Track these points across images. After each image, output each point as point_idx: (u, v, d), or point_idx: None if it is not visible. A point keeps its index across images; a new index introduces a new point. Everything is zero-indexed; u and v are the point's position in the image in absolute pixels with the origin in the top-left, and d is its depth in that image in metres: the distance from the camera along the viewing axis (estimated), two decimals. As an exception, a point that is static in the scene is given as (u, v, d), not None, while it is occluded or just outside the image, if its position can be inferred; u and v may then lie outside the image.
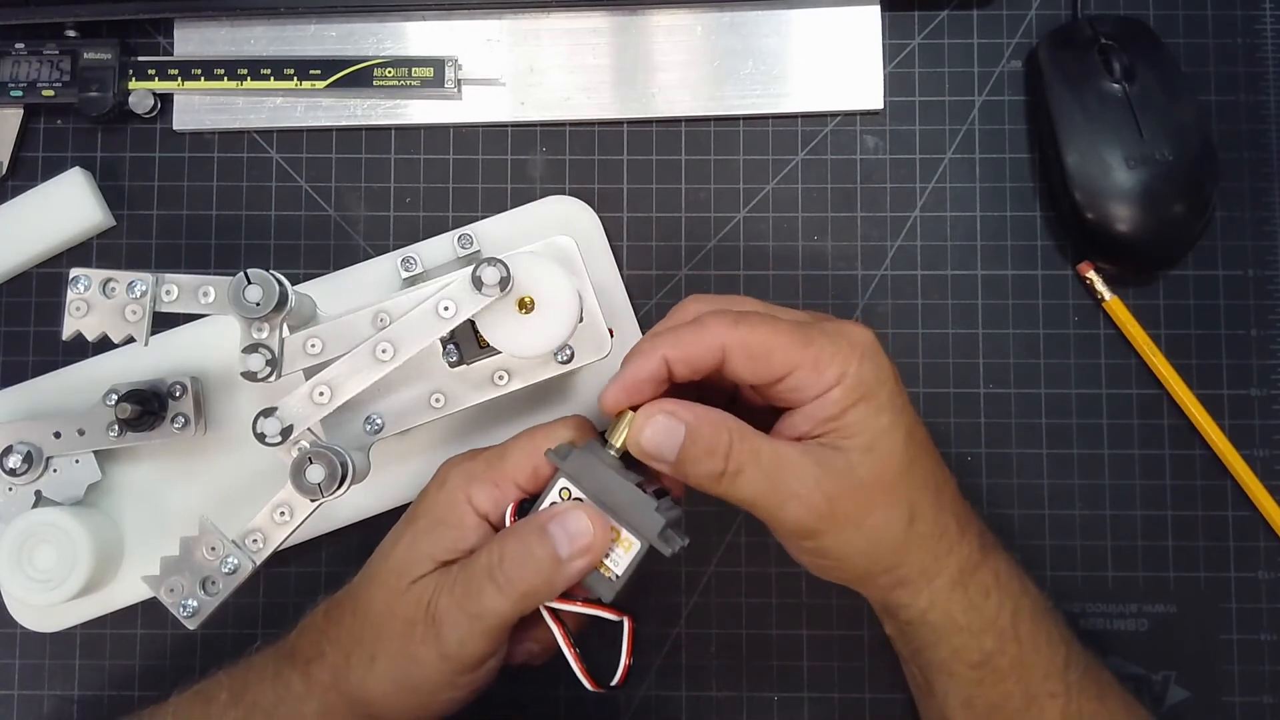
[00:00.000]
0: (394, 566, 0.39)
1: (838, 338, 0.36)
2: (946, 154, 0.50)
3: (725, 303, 0.38)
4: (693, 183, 0.50)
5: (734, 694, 0.48)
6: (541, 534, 0.37)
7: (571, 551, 0.37)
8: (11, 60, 0.49)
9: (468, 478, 0.39)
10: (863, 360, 0.36)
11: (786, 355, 0.36)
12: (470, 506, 0.39)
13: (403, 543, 0.39)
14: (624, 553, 0.37)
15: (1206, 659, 0.47)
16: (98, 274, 0.40)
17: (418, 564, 0.38)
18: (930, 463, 0.38)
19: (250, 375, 0.39)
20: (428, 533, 0.39)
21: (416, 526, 0.39)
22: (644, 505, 0.37)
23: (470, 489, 0.39)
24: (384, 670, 0.38)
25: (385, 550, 0.40)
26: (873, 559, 0.37)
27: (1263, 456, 0.48)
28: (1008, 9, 0.50)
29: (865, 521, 0.36)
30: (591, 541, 0.37)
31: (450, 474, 0.40)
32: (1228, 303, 0.49)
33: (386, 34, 0.50)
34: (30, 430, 0.45)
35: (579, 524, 0.37)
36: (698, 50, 0.50)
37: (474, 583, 0.37)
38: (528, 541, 0.37)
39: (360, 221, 0.50)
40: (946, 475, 0.38)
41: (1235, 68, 0.50)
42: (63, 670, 0.48)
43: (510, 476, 0.39)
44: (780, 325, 0.36)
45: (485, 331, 0.40)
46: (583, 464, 0.38)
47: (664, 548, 0.37)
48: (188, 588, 0.40)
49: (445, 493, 0.39)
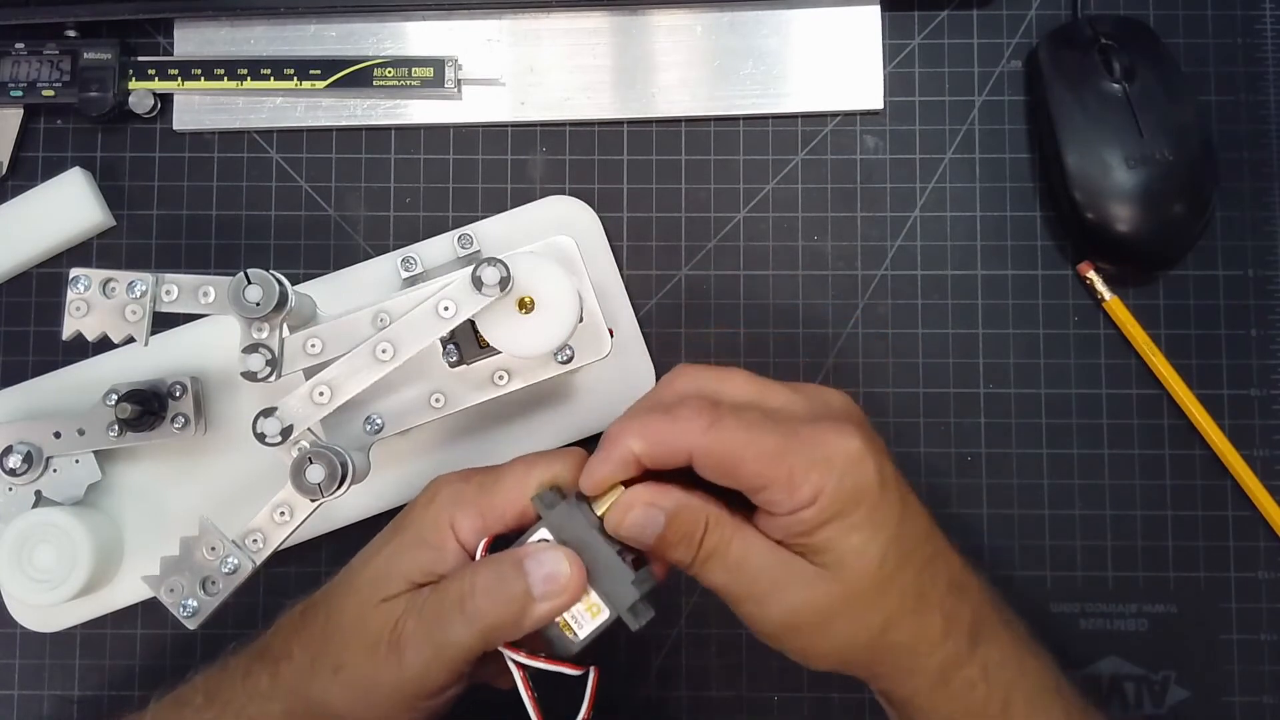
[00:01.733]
0: (370, 579, 0.38)
1: (817, 448, 0.35)
2: (946, 154, 0.50)
3: (715, 380, 0.37)
4: (693, 183, 0.50)
5: (734, 694, 0.48)
6: (517, 568, 0.36)
7: (544, 591, 0.36)
8: (11, 60, 0.49)
9: (455, 501, 0.38)
10: (842, 476, 0.34)
11: (757, 469, 0.34)
12: (452, 531, 0.38)
13: (382, 555, 0.38)
14: (590, 618, 0.37)
15: (1206, 659, 0.47)
16: (98, 274, 0.40)
17: (392, 582, 0.38)
18: (913, 571, 0.36)
19: (250, 375, 0.39)
20: (407, 550, 0.38)
21: (397, 541, 0.38)
22: (621, 575, 0.36)
23: (455, 513, 0.38)
24: (345, 681, 0.37)
25: (365, 558, 0.39)
26: (841, 660, 0.36)
27: (1263, 456, 0.48)
28: (1008, 9, 0.50)
29: (831, 628, 0.35)
30: (566, 584, 0.36)
31: (440, 493, 0.39)
32: (1228, 303, 0.49)
33: (386, 34, 0.50)
34: (30, 430, 0.45)
35: (556, 565, 0.36)
36: (698, 50, 0.50)
37: (442, 610, 0.36)
38: (502, 574, 0.36)
39: (360, 221, 0.50)
40: (936, 570, 0.36)
41: (1235, 68, 0.50)
42: (63, 670, 0.48)
43: (498, 509, 0.38)
44: (756, 432, 0.35)
45: (485, 331, 0.40)
46: (567, 518, 0.37)
47: (632, 621, 0.36)
48: (188, 588, 0.40)
49: (431, 512, 0.38)
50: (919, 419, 0.49)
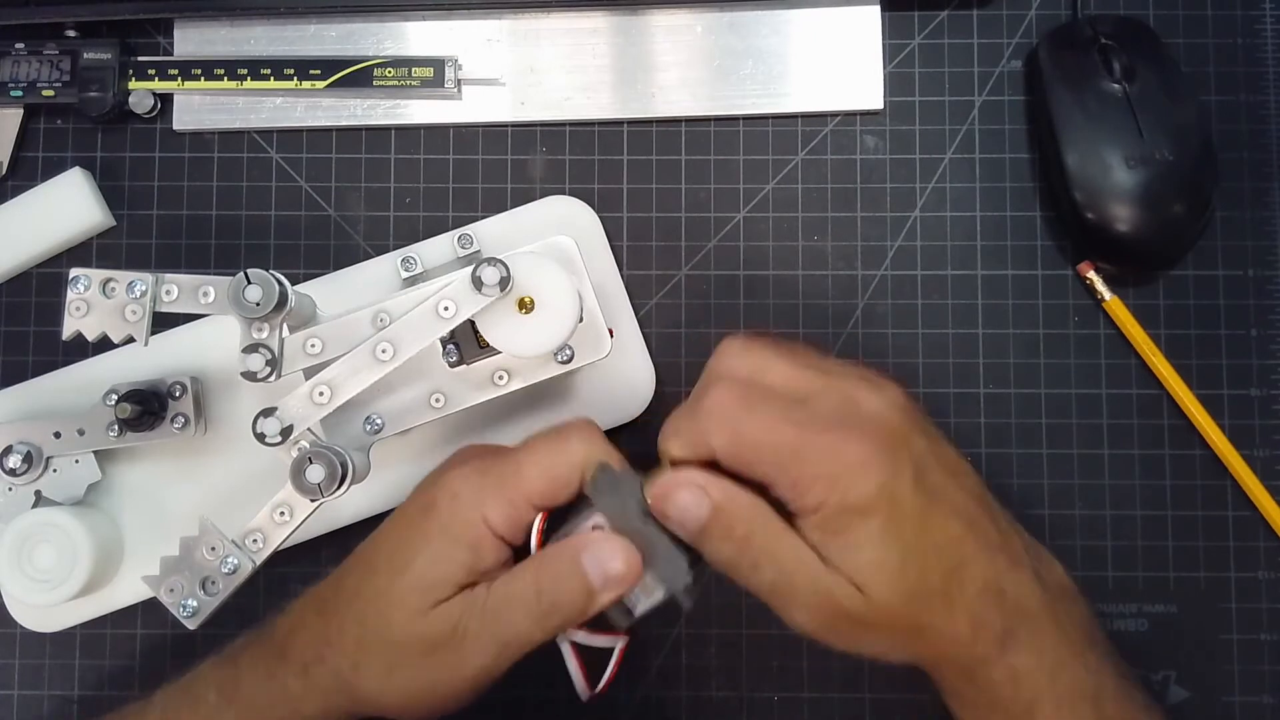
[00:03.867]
0: (414, 585, 0.38)
1: (824, 461, 0.34)
2: (946, 154, 0.50)
3: (758, 361, 0.37)
4: (693, 183, 0.50)
5: (734, 694, 0.48)
6: (575, 564, 0.37)
7: (604, 584, 0.37)
8: (11, 60, 0.49)
9: (481, 495, 0.38)
10: (846, 491, 0.34)
11: (765, 471, 0.35)
12: (487, 528, 0.38)
13: (420, 563, 0.38)
14: (645, 596, 0.38)
15: (1206, 659, 0.47)
16: (98, 274, 0.40)
17: (439, 587, 0.38)
18: (938, 578, 0.35)
19: (250, 375, 0.39)
20: (446, 555, 0.38)
21: (434, 548, 0.38)
22: (677, 560, 0.37)
23: (485, 508, 0.38)
24: (402, 683, 0.38)
25: (396, 567, 0.39)
26: (879, 656, 0.37)
27: (1263, 456, 0.48)
28: (1008, 9, 0.50)
29: (861, 635, 0.36)
30: (624, 575, 0.37)
31: (462, 492, 0.39)
32: (1228, 303, 0.49)
33: (386, 34, 0.50)
34: (30, 430, 0.45)
35: (612, 559, 0.37)
36: (698, 50, 0.50)
37: (509, 608, 0.37)
38: (562, 572, 0.37)
39: (360, 221, 0.50)
40: (967, 576, 0.36)
41: (1235, 68, 0.50)
42: (63, 670, 0.48)
43: (525, 494, 0.38)
44: (772, 435, 0.35)
45: (485, 331, 0.40)
46: (618, 503, 0.37)
47: (686, 601, 0.37)
48: (188, 588, 0.40)
49: (460, 511, 0.38)
50: (919, 419, 0.49)
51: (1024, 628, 0.36)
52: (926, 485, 0.35)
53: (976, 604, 0.36)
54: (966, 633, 0.36)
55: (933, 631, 0.36)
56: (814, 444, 0.35)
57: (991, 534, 0.37)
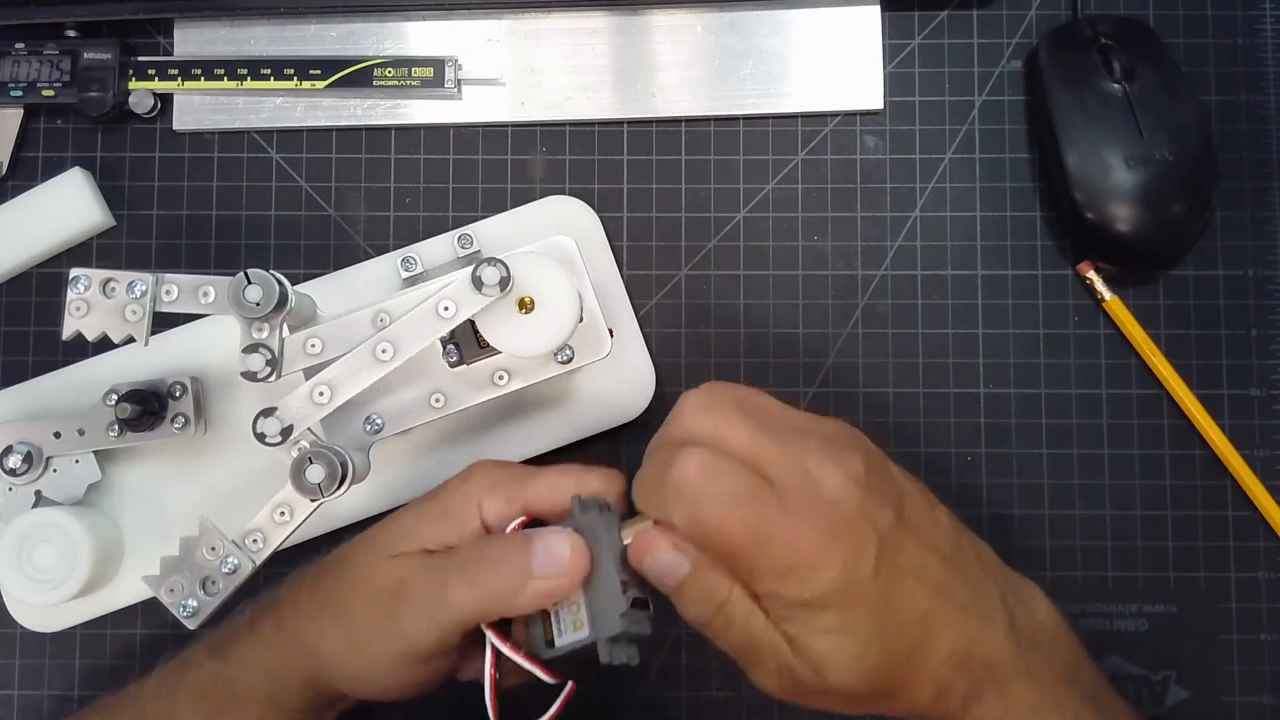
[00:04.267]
0: (386, 536, 0.39)
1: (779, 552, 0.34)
2: (946, 154, 0.50)
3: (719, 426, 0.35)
4: (693, 183, 0.50)
5: (734, 694, 0.48)
6: (524, 544, 0.37)
7: (543, 569, 0.36)
8: (11, 60, 0.49)
9: (489, 483, 0.39)
10: (801, 585, 0.34)
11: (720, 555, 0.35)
12: (478, 510, 0.39)
13: (404, 519, 0.40)
14: (572, 631, 0.37)
15: (1206, 659, 0.47)
16: (98, 274, 0.40)
17: (406, 541, 0.39)
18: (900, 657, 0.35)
19: (250, 375, 0.39)
20: (430, 518, 0.39)
21: (423, 508, 0.40)
22: (614, 605, 0.36)
23: (485, 495, 0.39)
24: (343, 630, 0.38)
25: (388, 520, 0.40)
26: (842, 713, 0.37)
27: (1263, 456, 0.48)
28: (1008, 9, 0.50)
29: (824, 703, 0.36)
30: (564, 567, 0.36)
31: (475, 473, 0.40)
32: (1228, 303, 0.49)
33: (386, 34, 0.50)
34: (30, 430, 0.45)
35: (560, 546, 0.36)
36: (698, 50, 0.50)
37: (447, 571, 0.37)
38: (507, 547, 0.37)
39: (360, 221, 0.50)
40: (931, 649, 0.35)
41: (1235, 68, 0.50)
42: (63, 670, 0.48)
43: (527, 500, 0.39)
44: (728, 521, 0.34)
45: (485, 331, 0.40)
46: (594, 528, 0.37)
47: (605, 653, 0.36)
48: (188, 588, 0.40)
49: (462, 489, 0.39)
50: (919, 419, 0.49)
51: (991, 686, 0.36)
52: (890, 563, 0.35)
53: (941, 670, 0.36)
54: (931, 698, 0.36)
55: (895, 697, 0.36)
56: (771, 536, 0.34)
57: (962, 596, 0.36)
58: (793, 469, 0.35)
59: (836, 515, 0.34)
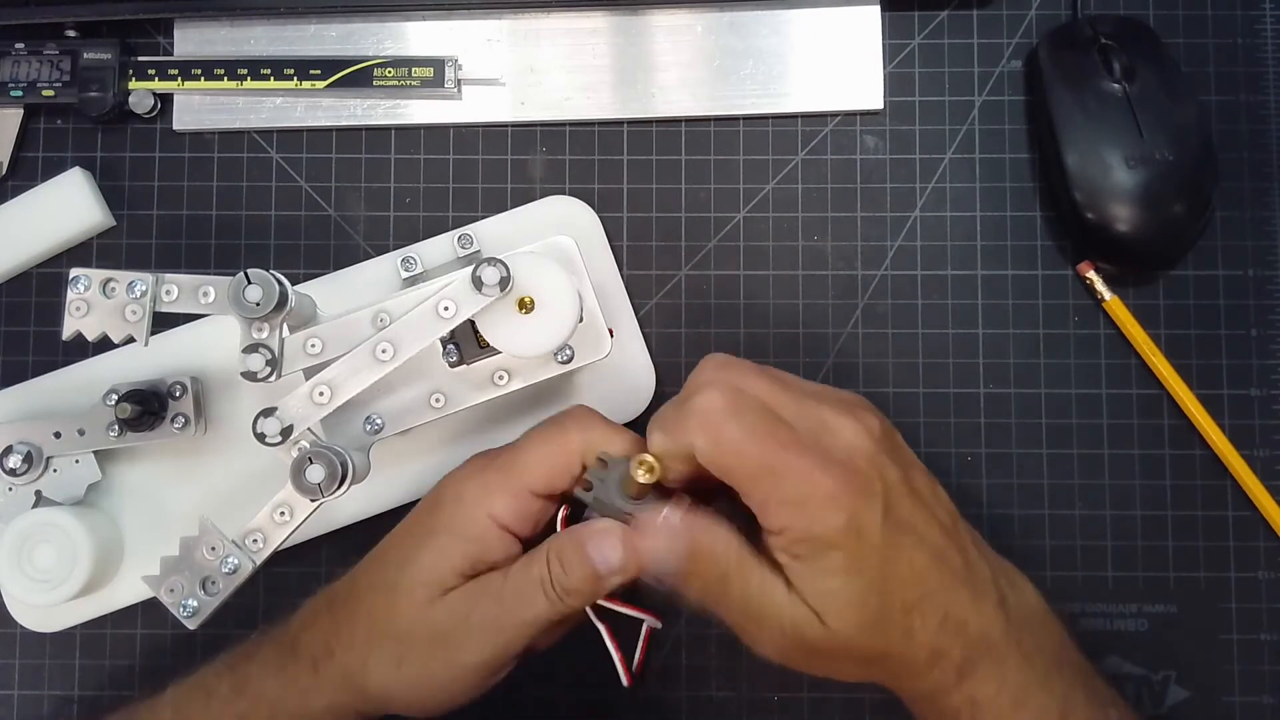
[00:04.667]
0: (421, 579, 0.39)
1: (792, 485, 0.34)
2: (946, 154, 0.50)
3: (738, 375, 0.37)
4: (693, 183, 0.50)
5: (734, 694, 0.48)
6: (582, 551, 0.38)
7: (609, 571, 0.38)
8: (11, 60, 0.49)
9: (485, 491, 0.40)
10: (811, 522, 0.35)
11: (739, 482, 0.35)
12: (492, 520, 0.39)
13: (427, 555, 0.39)
14: None
15: (1206, 659, 0.47)
16: (98, 274, 0.40)
17: (447, 578, 0.39)
18: (898, 612, 0.36)
19: (250, 375, 0.39)
20: (453, 548, 0.39)
21: (439, 541, 0.40)
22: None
23: (490, 503, 0.39)
24: (411, 675, 0.39)
25: (403, 561, 0.40)
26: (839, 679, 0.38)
27: (1263, 456, 0.48)
28: (1008, 9, 0.50)
29: (822, 663, 0.37)
30: (625, 564, 0.38)
31: (466, 488, 0.40)
32: (1228, 303, 0.49)
33: (386, 34, 0.50)
34: (30, 430, 0.45)
35: (614, 550, 0.38)
36: (698, 50, 0.50)
37: (525, 591, 0.38)
38: (573, 561, 0.38)
39: (360, 221, 0.50)
40: (929, 609, 0.36)
41: (1235, 68, 0.50)
42: (63, 670, 0.48)
43: (525, 484, 0.39)
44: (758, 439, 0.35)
45: (485, 331, 0.40)
46: (605, 501, 0.39)
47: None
48: (188, 588, 0.40)
49: (465, 508, 0.40)
50: (919, 419, 0.49)
51: (985, 659, 0.37)
52: (895, 518, 0.36)
53: (937, 636, 0.36)
54: (925, 663, 0.36)
55: (892, 660, 0.36)
56: (789, 465, 0.35)
57: (957, 565, 0.37)
58: (809, 418, 0.36)
59: (851, 460, 0.35)
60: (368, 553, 0.42)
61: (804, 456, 0.35)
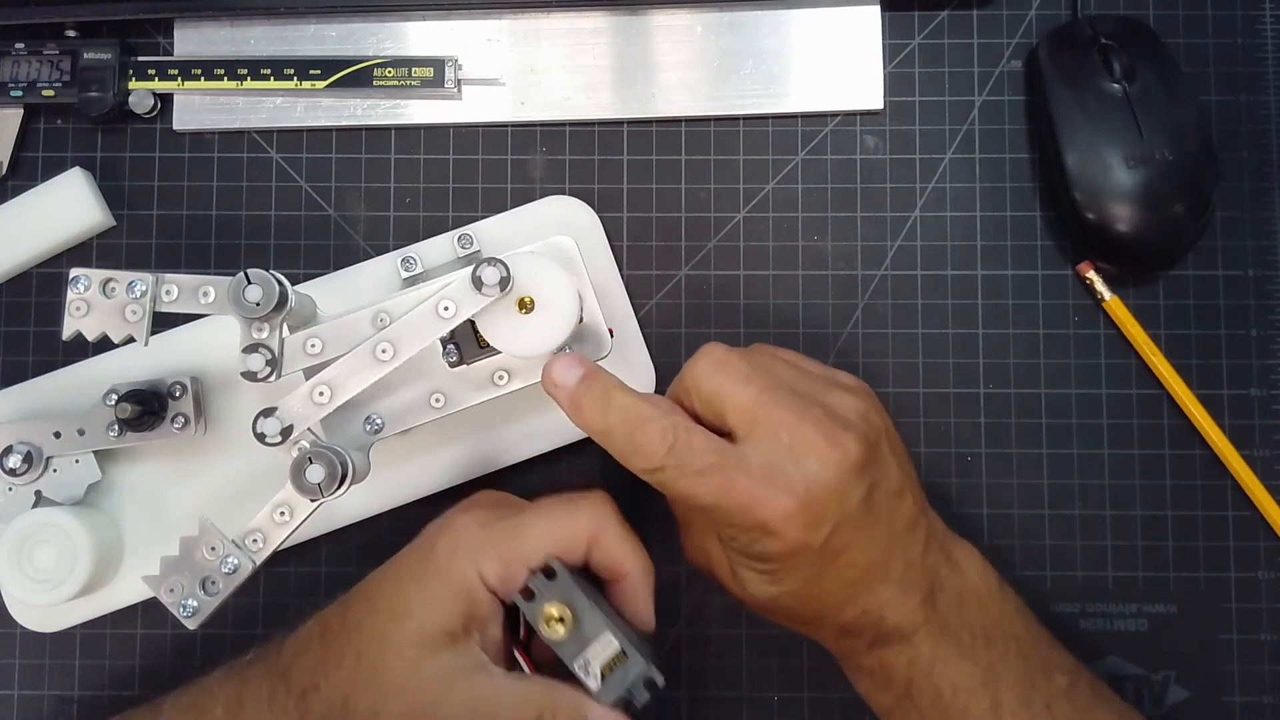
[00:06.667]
0: (412, 634, 0.38)
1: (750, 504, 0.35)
2: (946, 154, 0.50)
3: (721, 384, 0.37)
4: (693, 183, 0.50)
5: (734, 694, 0.48)
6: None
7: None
8: (11, 60, 0.49)
9: (479, 550, 0.39)
10: (752, 540, 0.36)
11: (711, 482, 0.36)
12: (481, 581, 0.39)
13: (418, 610, 0.39)
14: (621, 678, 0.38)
15: (1206, 659, 0.47)
16: (98, 274, 0.40)
17: (438, 638, 0.38)
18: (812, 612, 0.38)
19: (250, 375, 0.39)
20: (441, 604, 0.39)
21: (432, 592, 0.39)
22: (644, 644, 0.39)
23: (481, 562, 0.39)
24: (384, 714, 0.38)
25: (395, 610, 0.39)
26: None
27: (1263, 456, 0.48)
28: (1008, 9, 0.50)
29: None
30: None
31: (463, 541, 0.39)
32: (1228, 303, 0.49)
33: (386, 34, 0.50)
34: (30, 430, 0.45)
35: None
36: (698, 50, 0.50)
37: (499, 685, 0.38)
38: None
39: (360, 221, 0.50)
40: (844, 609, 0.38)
41: (1235, 68, 0.50)
42: (63, 670, 0.48)
43: (522, 556, 0.39)
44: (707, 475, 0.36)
45: (485, 331, 0.40)
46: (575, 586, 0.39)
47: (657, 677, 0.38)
48: (188, 588, 0.40)
49: (458, 565, 0.39)
50: (919, 419, 0.49)
51: (896, 642, 0.38)
52: (838, 541, 0.36)
53: (850, 623, 0.38)
54: (833, 637, 0.39)
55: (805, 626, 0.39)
56: (737, 498, 0.36)
57: (893, 571, 0.38)
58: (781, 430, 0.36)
59: (807, 492, 0.36)
60: (361, 582, 0.41)
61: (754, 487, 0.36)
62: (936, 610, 0.38)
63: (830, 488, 0.36)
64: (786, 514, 0.35)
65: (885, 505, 0.38)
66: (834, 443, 0.36)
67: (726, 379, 0.37)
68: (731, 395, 0.37)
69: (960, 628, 0.39)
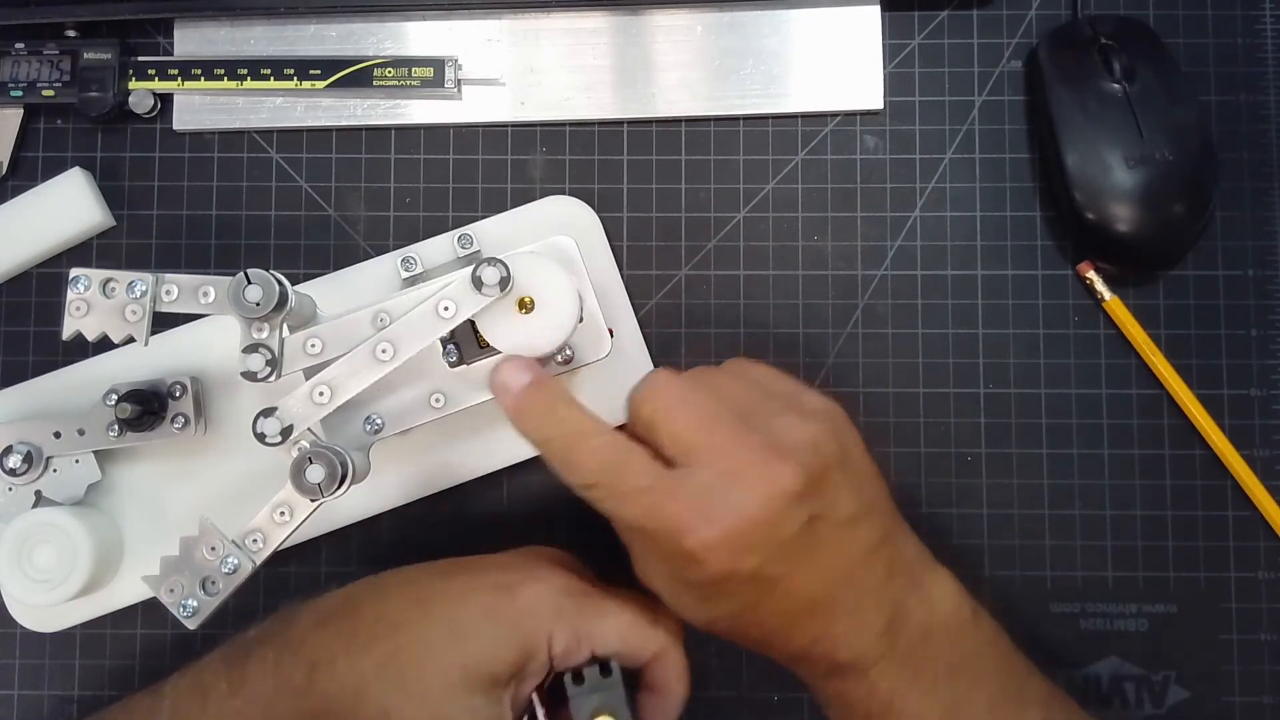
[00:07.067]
0: (462, 659, 0.38)
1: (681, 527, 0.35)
2: (946, 154, 0.50)
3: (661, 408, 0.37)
4: (693, 183, 0.50)
5: (734, 694, 0.48)
6: None
7: None
8: (11, 60, 0.49)
9: (558, 616, 0.38)
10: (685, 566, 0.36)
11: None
12: (547, 646, 0.38)
13: (482, 640, 0.38)
14: None
15: (1206, 659, 0.47)
16: (98, 274, 0.40)
17: (481, 676, 0.37)
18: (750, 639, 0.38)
19: (250, 375, 0.39)
20: (505, 649, 0.38)
21: (499, 633, 0.38)
22: None
23: (556, 629, 0.38)
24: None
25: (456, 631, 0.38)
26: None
27: (1263, 456, 0.48)
28: (1008, 9, 0.50)
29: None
30: None
31: (545, 603, 0.39)
32: (1228, 303, 0.49)
33: (386, 34, 0.50)
34: (30, 430, 0.45)
35: None
36: (698, 50, 0.50)
37: None
38: None
39: (360, 221, 0.50)
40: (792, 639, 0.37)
41: (1235, 68, 0.50)
42: (63, 670, 0.48)
43: (591, 642, 0.39)
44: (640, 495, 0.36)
45: (485, 331, 0.40)
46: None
47: None
48: (188, 588, 0.40)
49: (532, 622, 0.38)
50: (919, 419, 0.49)
51: (853, 675, 0.37)
52: (771, 571, 0.36)
53: (800, 652, 0.38)
54: (786, 661, 0.39)
55: (759, 650, 0.39)
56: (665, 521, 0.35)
57: (843, 602, 0.37)
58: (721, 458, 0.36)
59: (734, 521, 0.35)
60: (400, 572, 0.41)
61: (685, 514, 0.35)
62: (897, 643, 0.37)
63: (757, 518, 0.35)
64: (709, 543, 0.34)
65: (832, 535, 0.36)
66: (768, 471, 0.35)
67: (664, 405, 0.37)
68: (667, 422, 0.36)
69: (924, 661, 0.38)
